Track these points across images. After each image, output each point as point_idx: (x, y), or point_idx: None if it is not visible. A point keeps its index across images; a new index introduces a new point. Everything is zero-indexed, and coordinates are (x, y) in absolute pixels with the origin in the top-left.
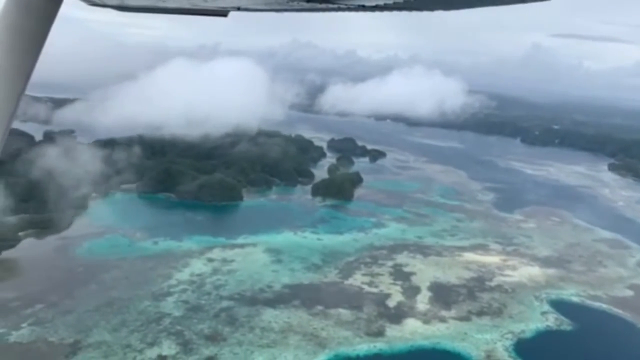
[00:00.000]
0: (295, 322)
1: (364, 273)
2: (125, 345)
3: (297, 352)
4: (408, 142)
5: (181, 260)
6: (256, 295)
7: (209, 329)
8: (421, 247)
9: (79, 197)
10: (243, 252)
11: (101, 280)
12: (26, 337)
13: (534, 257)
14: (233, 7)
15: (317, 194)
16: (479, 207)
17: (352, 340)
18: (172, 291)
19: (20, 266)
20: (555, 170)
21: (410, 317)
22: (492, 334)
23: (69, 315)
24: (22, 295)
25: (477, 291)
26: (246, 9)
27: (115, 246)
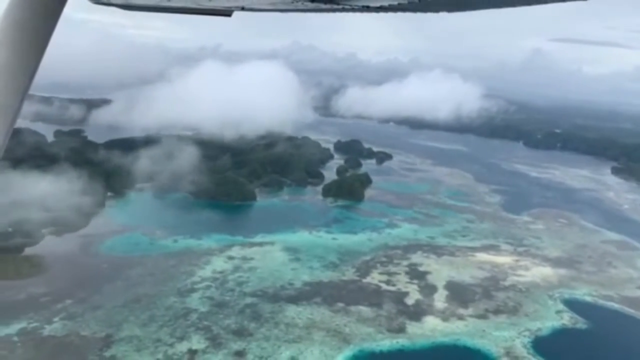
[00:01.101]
0: (318, 319)
1: (381, 272)
2: (156, 340)
3: (323, 348)
4: (412, 145)
5: (202, 257)
6: (278, 292)
7: (236, 324)
8: (434, 247)
9: (95, 196)
10: (261, 250)
11: (126, 276)
12: (59, 330)
13: (545, 257)
14: (237, 6)
15: (328, 194)
16: (488, 208)
17: (374, 336)
18: (197, 287)
19: (46, 262)
20: (560, 174)
21: (429, 315)
22: (509, 332)
23: (98, 310)
24: (51, 290)
25: (492, 290)
26: (251, 9)
27: (136, 244)
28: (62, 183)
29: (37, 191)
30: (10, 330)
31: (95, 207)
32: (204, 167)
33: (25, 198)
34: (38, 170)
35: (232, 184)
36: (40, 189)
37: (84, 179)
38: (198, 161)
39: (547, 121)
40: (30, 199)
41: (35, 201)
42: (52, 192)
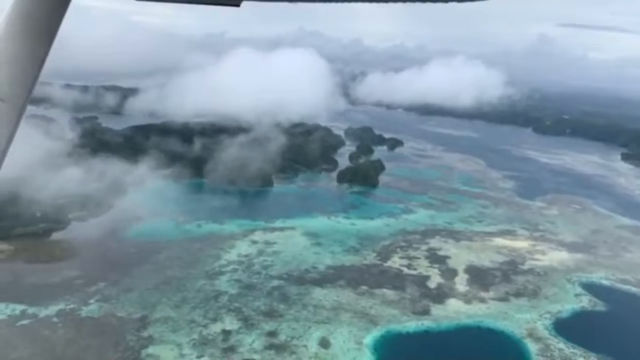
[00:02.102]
0: (344, 301)
1: (401, 256)
2: (190, 321)
3: (351, 328)
4: (423, 131)
5: (227, 242)
6: (303, 275)
7: (265, 306)
8: (452, 232)
9: (117, 182)
10: (283, 235)
11: (155, 260)
12: (96, 312)
13: (561, 242)
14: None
15: (342, 180)
16: (501, 194)
17: (400, 318)
18: (224, 270)
19: (75, 247)
20: (570, 160)
21: (452, 298)
22: (531, 314)
23: (131, 292)
24: (84, 274)
25: (511, 274)
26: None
27: (161, 229)
28: (86, 169)
29: (63, 177)
30: (50, 312)
31: (119, 193)
32: (221, 153)
33: (50, 184)
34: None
35: (249, 170)
36: (66, 175)
37: (105, 165)
38: (215, 147)
39: (555, 107)
40: (57, 185)
41: (61, 187)
42: (77, 178)
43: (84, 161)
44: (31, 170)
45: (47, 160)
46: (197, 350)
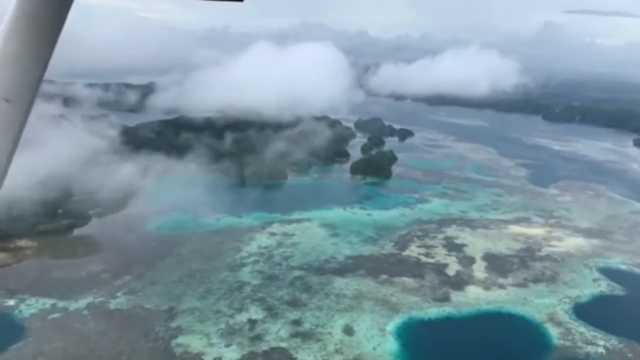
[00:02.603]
0: (365, 289)
1: (419, 245)
2: (216, 311)
3: (374, 316)
4: (433, 121)
5: (246, 234)
6: (323, 265)
7: (288, 296)
8: (467, 221)
9: (133, 178)
10: (300, 226)
11: (177, 253)
12: (124, 304)
13: (577, 228)
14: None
15: (356, 172)
16: (515, 182)
17: (421, 305)
18: (245, 262)
19: (99, 242)
20: (582, 146)
21: (471, 285)
22: (550, 299)
23: (156, 285)
24: (109, 268)
25: (528, 260)
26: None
27: (181, 222)
28: (102, 166)
29: (83, 174)
30: (79, 305)
31: (136, 189)
32: (235, 146)
33: (68, 181)
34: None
35: (263, 163)
36: (86, 173)
37: (123, 161)
38: (229, 141)
39: (564, 95)
40: (75, 182)
41: (80, 184)
42: (95, 175)
43: (128, 157)
44: (78, 166)
45: (92, 157)
46: (225, 340)
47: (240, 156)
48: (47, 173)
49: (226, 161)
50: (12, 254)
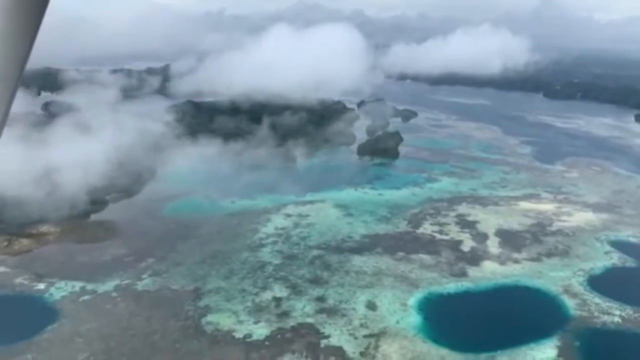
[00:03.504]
0: (384, 267)
1: (432, 223)
2: (241, 290)
3: (395, 291)
4: (435, 101)
5: (262, 216)
6: (340, 244)
7: (309, 274)
8: (477, 199)
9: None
10: (314, 207)
11: (197, 235)
12: (151, 286)
13: (585, 203)
14: None
15: (363, 153)
16: (521, 160)
17: (439, 280)
18: (264, 243)
19: (118, 226)
20: (584, 123)
21: (486, 260)
22: (564, 272)
23: (180, 266)
24: (132, 251)
25: (540, 235)
26: None
27: (197, 205)
28: (116, 149)
29: (94, 159)
30: (107, 287)
31: (148, 174)
32: (238, 130)
33: (81, 166)
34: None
35: (270, 146)
36: (98, 157)
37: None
38: (233, 125)
39: (564, 72)
40: (90, 167)
41: (94, 168)
42: (108, 159)
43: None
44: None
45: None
46: (253, 317)
47: (249, 138)
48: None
49: (238, 144)
50: (43, 240)
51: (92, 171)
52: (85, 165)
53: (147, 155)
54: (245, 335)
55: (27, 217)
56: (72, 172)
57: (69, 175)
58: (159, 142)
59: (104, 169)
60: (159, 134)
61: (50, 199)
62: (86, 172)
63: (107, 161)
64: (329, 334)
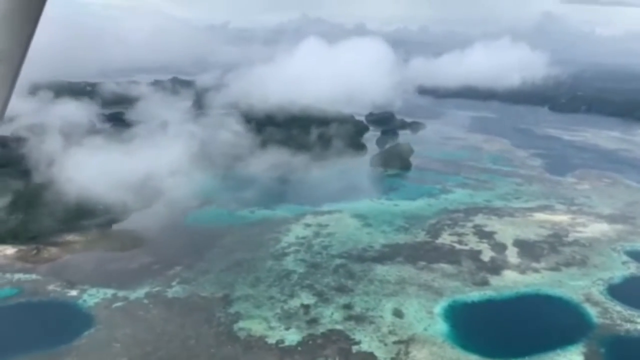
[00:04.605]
0: (407, 275)
1: (450, 233)
2: (269, 297)
3: (419, 300)
4: (441, 114)
5: (282, 226)
6: (361, 253)
7: (334, 282)
8: (493, 210)
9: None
10: (333, 217)
11: (220, 244)
12: (181, 293)
13: (599, 214)
14: None
15: (376, 164)
16: (532, 172)
17: (462, 289)
18: (287, 252)
19: (142, 235)
20: (591, 136)
21: (507, 269)
22: (584, 281)
23: (207, 274)
24: (158, 259)
25: (557, 246)
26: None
27: (218, 215)
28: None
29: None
30: (138, 295)
31: (163, 184)
32: (252, 141)
33: (102, 176)
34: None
35: (281, 157)
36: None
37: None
38: (246, 136)
39: (568, 85)
40: (110, 177)
41: (114, 178)
42: (129, 169)
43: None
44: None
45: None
46: (284, 323)
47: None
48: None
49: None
50: (70, 248)
51: (118, 183)
52: (112, 177)
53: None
54: (278, 340)
55: (51, 226)
56: (98, 183)
57: (95, 186)
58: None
59: (132, 180)
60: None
61: (74, 208)
62: (112, 184)
63: (137, 173)
64: (359, 340)
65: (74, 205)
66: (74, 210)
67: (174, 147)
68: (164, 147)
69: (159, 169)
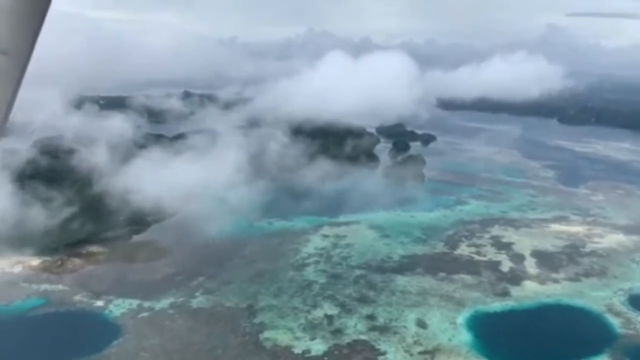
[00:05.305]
0: (428, 286)
1: (468, 244)
2: (292, 308)
3: (442, 310)
4: (452, 125)
5: (300, 237)
6: (381, 264)
7: (356, 293)
8: (509, 221)
9: None
10: (350, 229)
11: (241, 255)
12: (205, 303)
13: (615, 225)
14: None
15: (389, 176)
16: (545, 183)
17: (484, 299)
18: (307, 262)
19: (163, 246)
20: (602, 147)
21: (527, 280)
22: (605, 292)
23: (230, 285)
24: (181, 270)
25: (575, 256)
26: None
27: (236, 227)
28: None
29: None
30: (163, 305)
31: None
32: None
33: (126, 189)
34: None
35: (295, 169)
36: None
37: None
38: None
39: (576, 97)
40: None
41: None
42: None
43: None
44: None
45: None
46: (309, 334)
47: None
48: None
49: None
50: (93, 259)
51: (141, 194)
52: (137, 188)
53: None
54: (304, 350)
55: (74, 237)
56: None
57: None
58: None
59: (154, 192)
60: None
61: (98, 220)
62: (134, 195)
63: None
64: (385, 350)
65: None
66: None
67: (204, 160)
68: (192, 160)
69: (185, 181)
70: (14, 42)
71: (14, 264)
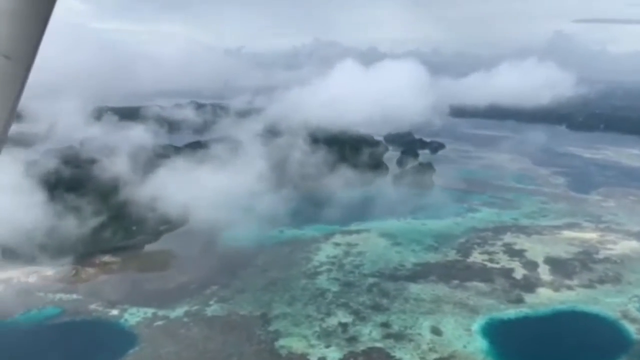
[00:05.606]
0: (441, 294)
1: (480, 252)
2: (307, 315)
3: (456, 318)
4: (460, 133)
5: (311, 245)
6: (393, 272)
7: (370, 301)
8: (521, 228)
9: None
10: (361, 237)
11: (254, 264)
12: (219, 311)
13: (628, 232)
14: None
15: (399, 184)
16: (556, 190)
17: (498, 307)
18: (319, 271)
19: (176, 256)
20: (612, 154)
21: (540, 287)
22: (619, 298)
23: (244, 293)
24: (194, 279)
25: (589, 263)
26: None
27: (248, 235)
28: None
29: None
30: (178, 314)
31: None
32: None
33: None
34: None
35: (317, 177)
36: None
37: None
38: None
39: (584, 103)
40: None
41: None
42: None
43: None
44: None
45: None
46: (324, 341)
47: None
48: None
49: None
50: (107, 269)
51: (165, 202)
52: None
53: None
54: (320, 358)
55: (87, 248)
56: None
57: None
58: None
59: (178, 201)
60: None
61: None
62: (159, 204)
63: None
64: (400, 357)
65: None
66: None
67: (226, 170)
68: (214, 169)
69: (210, 190)
70: (17, 46)
71: (29, 274)
